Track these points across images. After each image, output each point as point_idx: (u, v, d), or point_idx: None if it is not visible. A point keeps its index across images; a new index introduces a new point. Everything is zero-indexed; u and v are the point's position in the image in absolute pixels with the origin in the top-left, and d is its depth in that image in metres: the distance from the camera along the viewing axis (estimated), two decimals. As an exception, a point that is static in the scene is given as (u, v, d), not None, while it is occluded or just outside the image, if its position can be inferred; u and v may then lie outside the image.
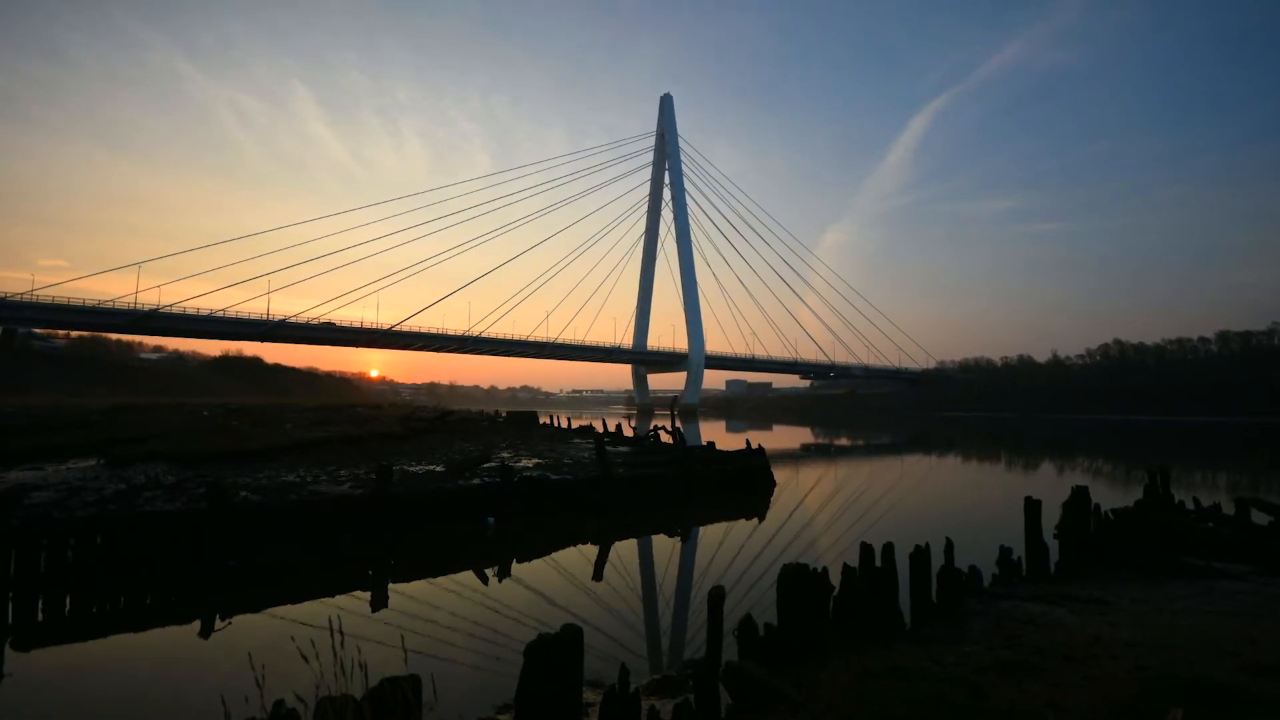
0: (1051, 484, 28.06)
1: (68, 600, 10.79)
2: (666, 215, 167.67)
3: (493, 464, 23.59)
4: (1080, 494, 12.20)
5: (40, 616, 10.27)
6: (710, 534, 17.32)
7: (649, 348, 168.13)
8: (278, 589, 11.64)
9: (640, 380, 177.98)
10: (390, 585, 11.91)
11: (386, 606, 10.90)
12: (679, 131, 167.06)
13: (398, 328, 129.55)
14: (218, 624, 9.94)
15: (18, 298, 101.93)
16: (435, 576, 12.44)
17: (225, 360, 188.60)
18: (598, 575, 13.17)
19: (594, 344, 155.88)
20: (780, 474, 26.40)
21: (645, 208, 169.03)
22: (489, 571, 12.98)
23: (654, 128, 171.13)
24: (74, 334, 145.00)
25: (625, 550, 15.46)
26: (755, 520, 19.09)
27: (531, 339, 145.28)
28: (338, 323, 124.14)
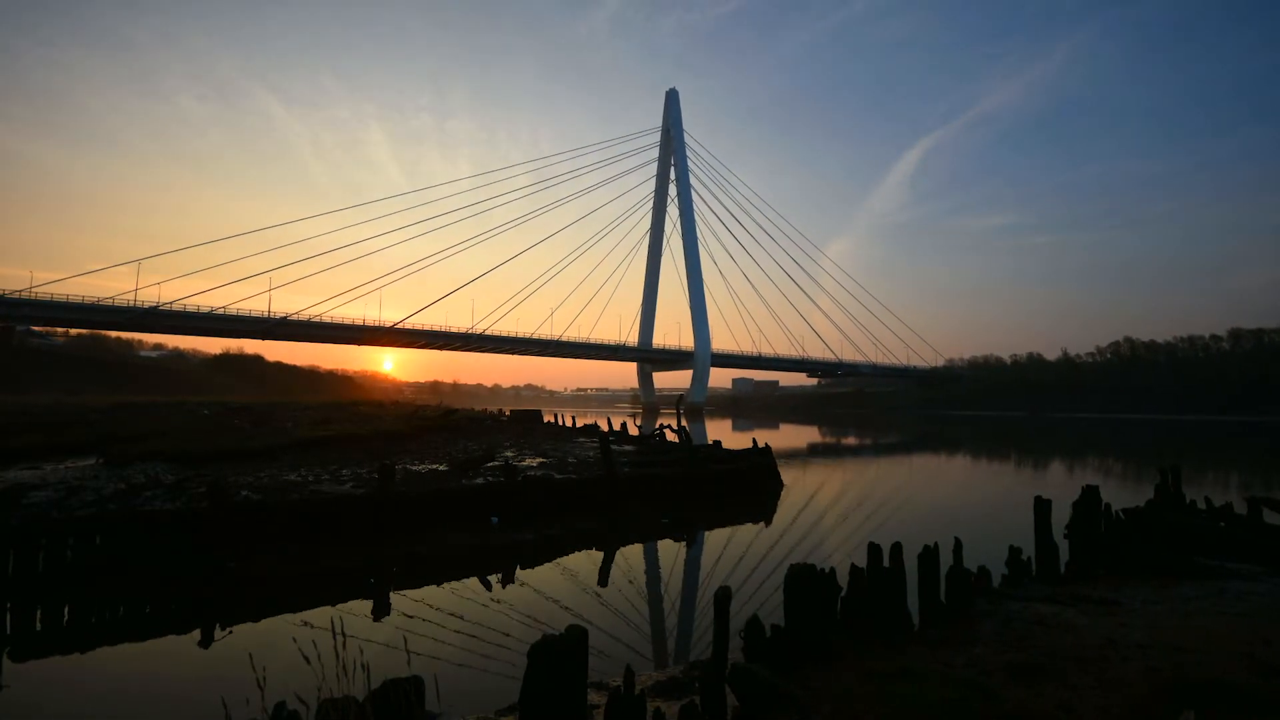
0: (1062, 483, 28.02)
1: (66, 601, 10.82)
2: (672, 211, 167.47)
3: (496, 463, 23.63)
4: (1091, 493, 12.18)
5: (39, 615, 10.31)
6: (716, 534, 17.30)
7: (654, 345, 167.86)
8: (279, 590, 11.66)
9: (645, 378, 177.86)
10: (393, 585, 11.93)
11: (388, 608, 10.91)
12: (684, 127, 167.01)
13: (400, 325, 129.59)
14: (217, 625, 9.97)
15: (16, 294, 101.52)
16: (438, 578, 12.46)
17: (226, 358, 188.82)
18: (603, 579, 13.17)
19: (599, 341, 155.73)
20: (787, 474, 26.37)
21: (650, 204, 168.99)
22: (492, 573, 13.00)
23: (659, 123, 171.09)
24: (73, 331, 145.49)
25: (630, 551, 15.45)
26: (762, 521, 19.10)
27: (535, 336, 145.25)
28: (340, 320, 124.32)
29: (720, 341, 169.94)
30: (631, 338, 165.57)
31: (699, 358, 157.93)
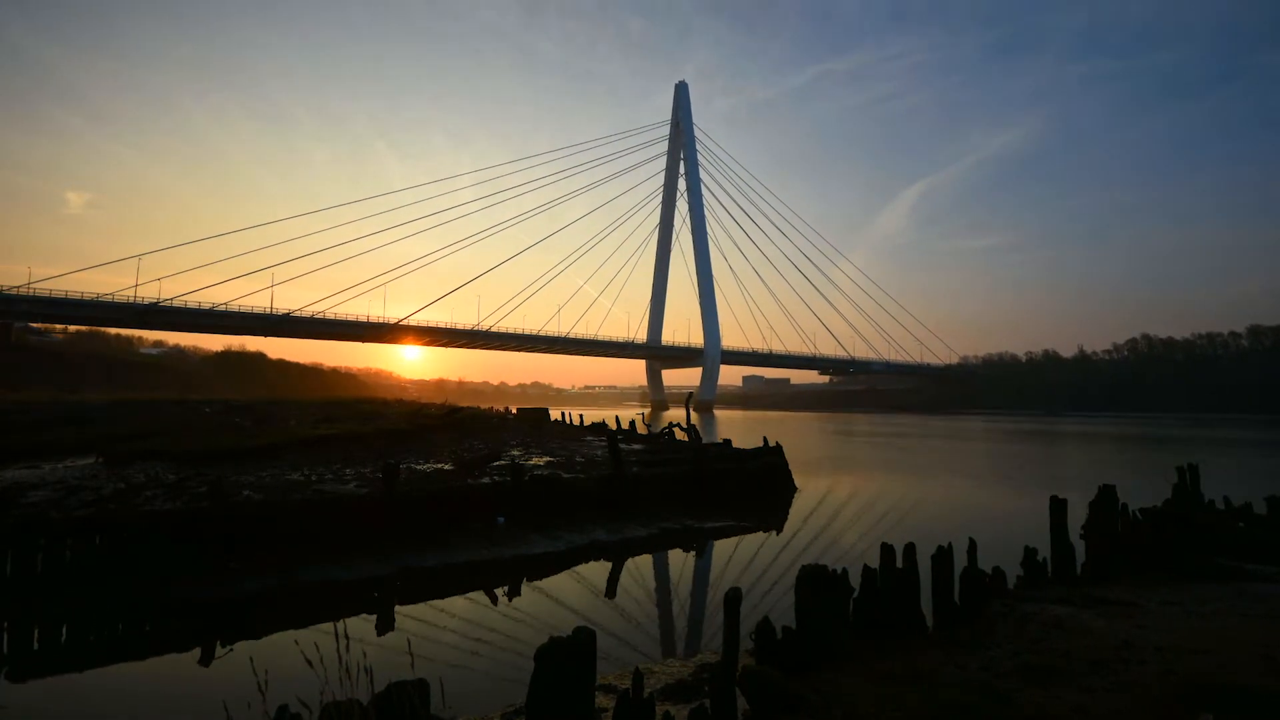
0: (1078, 482, 27.93)
1: (66, 602, 10.87)
2: (681, 206, 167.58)
3: (503, 462, 23.67)
4: (1107, 492, 12.14)
5: (39, 616, 10.36)
6: (726, 536, 17.30)
7: (664, 342, 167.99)
8: (282, 590, 11.70)
9: (655, 376, 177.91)
10: (398, 598, 11.95)
11: (393, 610, 10.95)
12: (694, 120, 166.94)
13: (405, 322, 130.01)
14: (218, 627, 10.02)
15: (14, 290, 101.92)
16: (443, 588, 12.43)
17: (228, 355, 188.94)
18: (611, 581, 13.20)
19: (607, 338, 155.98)
20: (797, 474, 26.32)
21: (659, 199, 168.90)
22: (499, 574, 13.03)
23: (668, 116, 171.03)
24: (72, 328, 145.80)
25: (638, 552, 15.47)
26: (773, 521, 19.08)
27: (543, 333, 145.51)
28: (344, 317, 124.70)
29: (730, 338, 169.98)
30: (640, 334, 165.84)
31: (709, 355, 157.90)
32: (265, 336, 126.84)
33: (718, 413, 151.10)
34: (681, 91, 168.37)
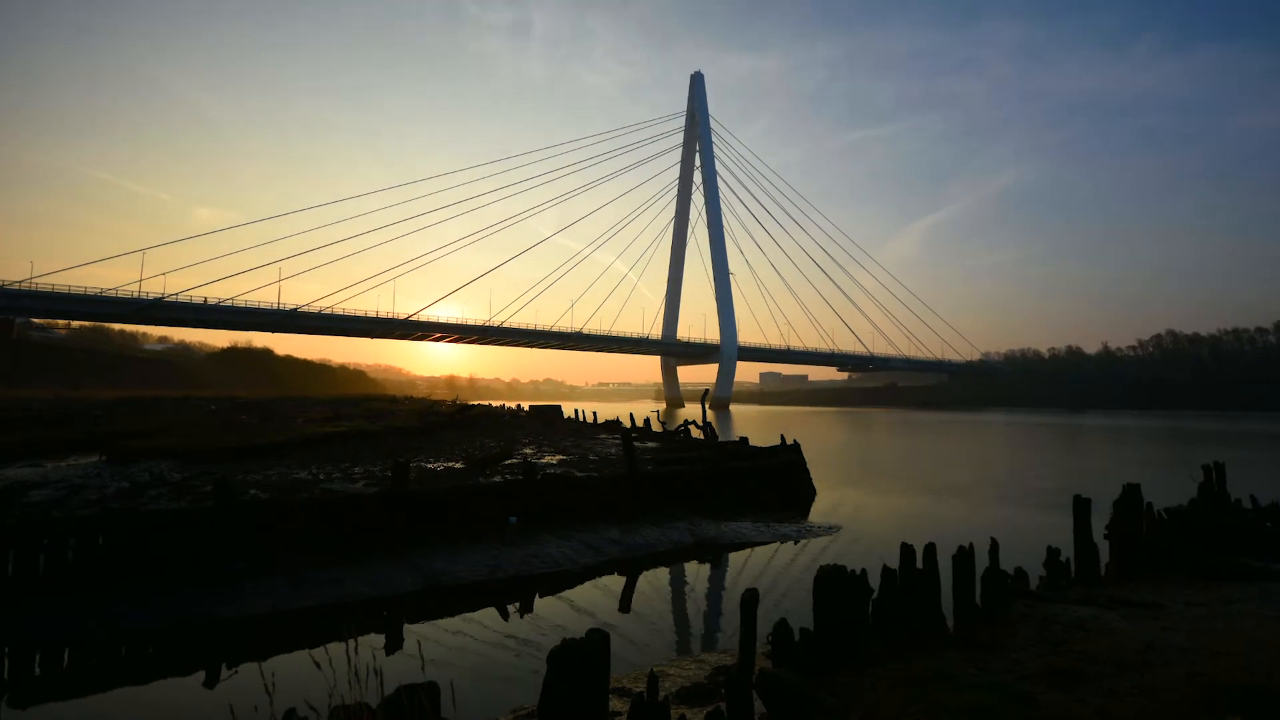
0: (1101, 481, 27.78)
1: (65, 602, 10.91)
2: (697, 200, 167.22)
3: (515, 460, 23.72)
4: (1132, 492, 12.06)
5: (40, 615, 10.42)
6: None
7: (679, 339, 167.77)
8: (286, 592, 11.75)
9: (670, 372, 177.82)
10: (409, 589, 11.98)
11: (402, 612, 11.00)
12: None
13: (415, 317, 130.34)
14: (224, 629, 10.07)
15: (16, 285, 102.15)
16: (456, 602, 12.41)
17: (234, 352, 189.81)
18: (626, 584, 13.23)
19: (621, 334, 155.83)
20: (814, 472, 26.26)
21: (675, 191, 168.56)
22: (509, 577, 13.05)
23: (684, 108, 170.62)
24: (75, 324, 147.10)
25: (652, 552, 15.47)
26: (790, 522, 19.03)
27: (555, 329, 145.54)
28: (353, 312, 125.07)
29: (747, 335, 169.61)
30: (655, 330, 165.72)
31: (725, 351, 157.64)
32: (272, 332, 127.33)
33: (734, 409, 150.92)
34: (697, 82, 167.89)
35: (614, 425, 45.31)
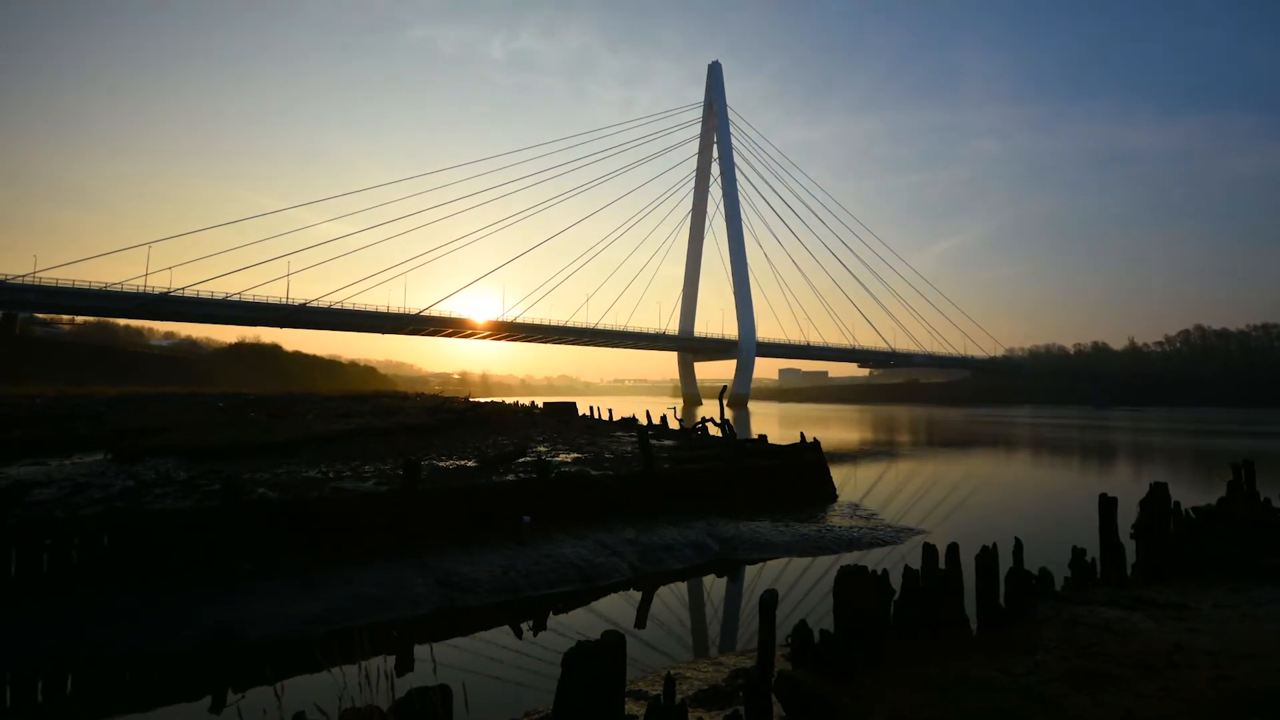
0: (1128, 480, 27.63)
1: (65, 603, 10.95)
2: (715, 192, 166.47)
3: (529, 458, 23.77)
4: (1159, 491, 11.99)
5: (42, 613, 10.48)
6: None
7: (696, 334, 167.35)
8: (295, 593, 11.79)
9: (687, 369, 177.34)
10: (421, 592, 12.00)
11: (414, 614, 11.01)
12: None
13: (427, 312, 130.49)
14: (231, 630, 10.11)
15: (19, 280, 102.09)
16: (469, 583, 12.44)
17: (241, 347, 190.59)
18: (643, 588, 13.23)
19: (637, 330, 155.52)
20: (836, 471, 26.19)
21: (692, 184, 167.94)
22: (520, 579, 13.05)
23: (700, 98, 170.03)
24: (79, 319, 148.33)
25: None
26: (809, 521, 18.97)
27: (570, 325, 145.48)
28: (362, 307, 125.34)
29: (766, 330, 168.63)
30: (672, 326, 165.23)
31: (743, 347, 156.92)
32: (281, 328, 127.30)
33: (752, 406, 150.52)
34: (715, 72, 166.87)
35: (630, 423, 45.31)
